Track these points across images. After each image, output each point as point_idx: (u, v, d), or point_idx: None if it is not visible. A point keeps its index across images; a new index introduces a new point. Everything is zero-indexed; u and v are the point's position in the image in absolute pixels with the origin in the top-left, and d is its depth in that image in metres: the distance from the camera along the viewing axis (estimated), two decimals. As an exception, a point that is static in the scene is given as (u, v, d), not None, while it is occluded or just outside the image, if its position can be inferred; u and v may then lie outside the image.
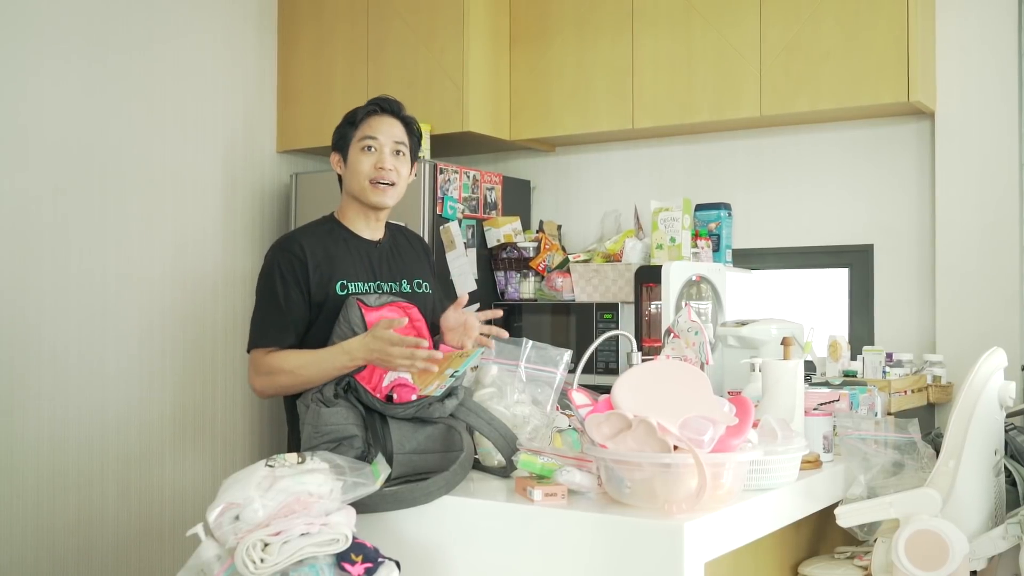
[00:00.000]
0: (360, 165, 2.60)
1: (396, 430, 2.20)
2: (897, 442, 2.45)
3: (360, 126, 2.63)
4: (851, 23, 3.74)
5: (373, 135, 2.61)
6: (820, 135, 4.13)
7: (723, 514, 1.95)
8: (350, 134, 2.63)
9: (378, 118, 2.63)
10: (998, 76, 3.74)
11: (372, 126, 2.62)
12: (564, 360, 2.45)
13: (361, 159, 2.60)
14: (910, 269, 3.95)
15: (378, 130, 2.61)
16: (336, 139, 2.67)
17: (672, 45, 4.09)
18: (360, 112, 2.65)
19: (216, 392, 4.46)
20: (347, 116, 2.67)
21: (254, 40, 4.66)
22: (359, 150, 2.61)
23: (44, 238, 3.83)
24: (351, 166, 2.62)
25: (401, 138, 2.64)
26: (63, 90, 3.90)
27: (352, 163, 2.62)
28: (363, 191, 2.60)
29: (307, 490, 1.89)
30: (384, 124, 2.63)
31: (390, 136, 2.62)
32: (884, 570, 2.27)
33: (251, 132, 4.64)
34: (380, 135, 2.61)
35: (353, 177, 2.62)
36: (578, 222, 4.66)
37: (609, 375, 3.82)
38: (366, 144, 2.60)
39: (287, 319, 2.50)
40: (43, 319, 3.82)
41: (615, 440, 1.95)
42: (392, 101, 2.67)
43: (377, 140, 2.60)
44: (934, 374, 3.58)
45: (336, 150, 2.67)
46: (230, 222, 4.53)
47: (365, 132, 2.61)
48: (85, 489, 3.94)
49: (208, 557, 1.86)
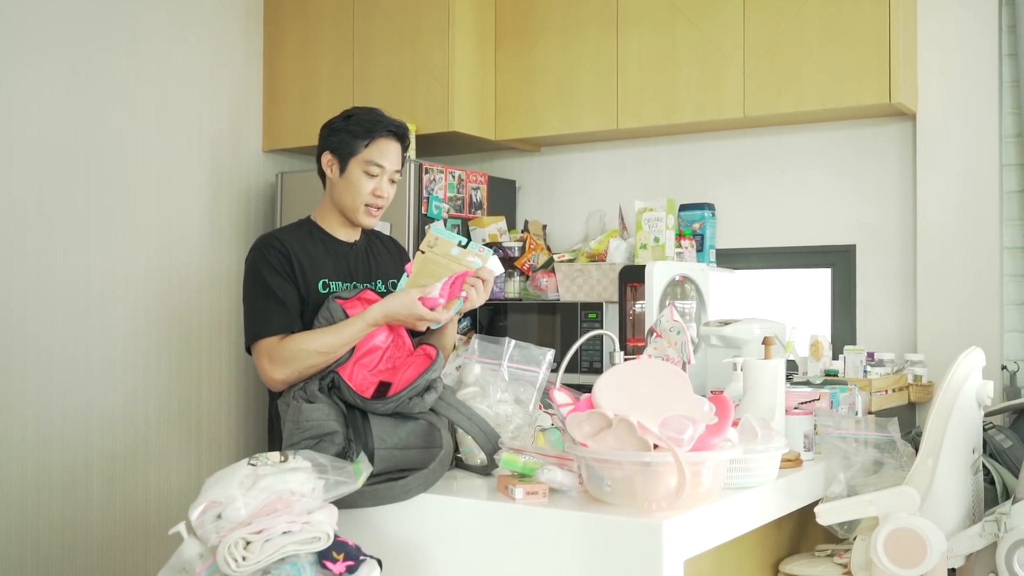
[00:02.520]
0: (361, 187, 2.58)
1: (377, 426, 2.21)
2: (877, 441, 2.47)
3: (371, 146, 2.58)
4: (834, 24, 3.76)
5: (381, 163, 2.58)
6: (803, 136, 4.15)
7: (703, 512, 1.96)
8: (357, 148, 2.58)
9: (388, 142, 2.60)
10: (979, 78, 3.76)
11: (382, 151, 2.58)
12: (547, 359, 2.46)
13: (363, 181, 2.58)
14: (892, 269, 3.97)
15: (386, 157, 2.59)
16: (336, 143, 2.60)
17: (656, 45, 4.11)
18: (377, 131, 2.58)
19: (202, 391, 4.45)
20: (356, 123, 2.60)
21: (240, 39, 4.65)
22: (363, 172, 2.57)
23: (29, 237, 3.82)
24: (350, 182, 2.59)
25: (399, 166, 2.63)
26: (48, 89, 3.89)
27: (352, 180, 2.58)
28: (355, 211, 2.60)
29: (289, 489, 1.89)
30: (392, 151, 2.60)
31: (394, 165, 2.61)
32: (863, 568, 2.29)
33: (237, 131, 4.64)
34: (387, 163, 2.59)
35: (347, 193, 2.60)
36: (563, 222, 4.67)
37: (593, 374, 3.83)
38: (373, 170, 2.58)
39: (286, 307, 2.47)
40: (28, 318, 3.81)
41: (596, 439, 1.97)
42: (404, 127, 2.64)
43: (384, 168, 2.59)
44: (915, 373, 3.60)
45: (332, 152, 2.61)
46: (216, 221, 4.53)
47: (374, 157, 2.58)
48: (70, 488, 3.93)
49: (190, 555, 1.87)
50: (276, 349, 2.41)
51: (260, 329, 2.46)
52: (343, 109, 2.69)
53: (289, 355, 2.38)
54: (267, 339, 2.44)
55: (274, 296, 2.47)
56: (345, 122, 2.61)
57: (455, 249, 2.44)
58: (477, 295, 2.44)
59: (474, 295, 2.44)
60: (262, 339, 2.44)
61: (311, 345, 2.36)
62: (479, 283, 2.44)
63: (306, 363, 2.36)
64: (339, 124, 2.62)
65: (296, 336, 2.41)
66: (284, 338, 2.43)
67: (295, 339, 2.40)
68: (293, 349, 2.38)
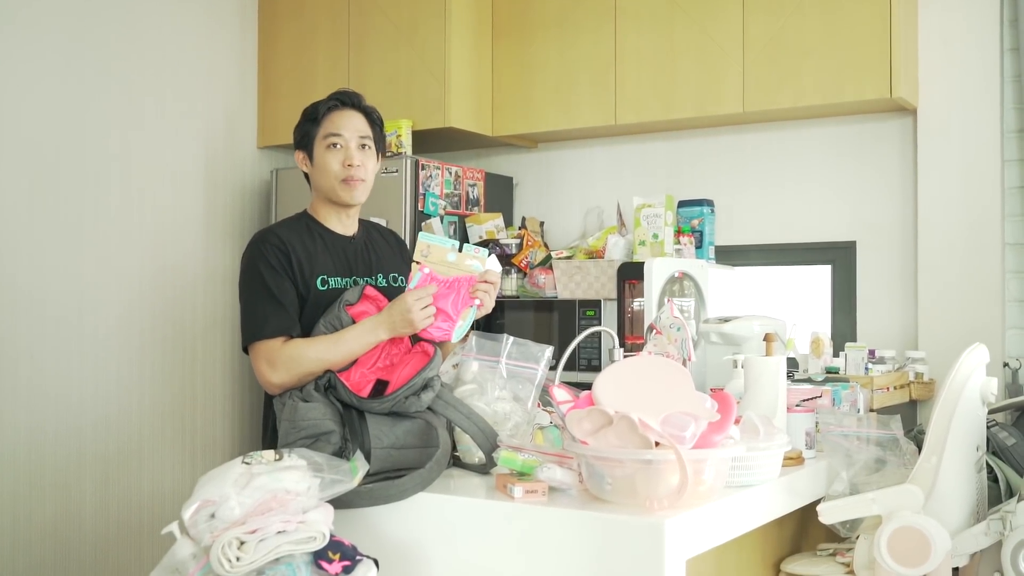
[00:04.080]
0: (328, 164, 2.55)
1: (373, 425, 2.18)
2: (879, 438, 2.45)
3: (323, 122, 2.57)
4: (834, 19, 3.74)
5: (337, 131, 2.56)
6: (803, 131, 4.12)
7: (705, 511, 1.93)
8: (313, 131, 2.57)
9: (340, 112, 2.58)
10: (980, 73, 3.74)
11: (335, 122, 2.57)
12: (545, 356, 2.43)
13: (328, 157, 2.55)
14: (892, 266, 3.95)
15: (342, 126, 2.56)
16: (299, 137, 2.61)
17: (655, 41, 4.08)
18: (321, 108, 2.58)
19: (196, 390, 4.42)
20: (307, 112, 2.61)
21: (235, 35, 4.62)
22: (325, 148, 2.56)
23: (20, 234, 3.79)
24: (319, 165, 2.57)
25: (365, 131, 2.59)
26: (41, 85, 3.86)
27: (319, 162, 2.57)
28: (333, 190, 2.57)
29: (284, 487, 1.86)
30: (347, 119, 2.58)
31: (354, 131, 2.57)
32: (866, 567, 2.27)
33: (232, 128, 4.61)
34: (344, 131, 2.56)
35: (322, 176, 2.57)
36: (560, 218, 4.64)
37: (591, 372, 3.81)
38: (331, 142, 2.55)
39: (285, 307, 2.43)
40: (19, 315, 3.78)
41: (596, 436, 1.94)
42: (352, 93, 2.62)
43: (342, 136, 2.55)
44: (916, 370, 3.58)
45: (300, 148, 2.61)
46: (210, 218, 4.50)
47: (329, 129, 2.56)
48: (62, 488, 3.90)
49: (183, 556, 1.84)
50: (276, 353, 2.37)
51: (257, 330, 2.42)
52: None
53: (289, 361, 2.35)
54: (266, 342, 2.40)
55: (272, 296, 2.44)
56: (301, 117, 2.62)
57: (451, 255, 2.39)
58: (489, 299, 2.40)
59: (488, 300, 2.40)
60: (260, 341, 2.41)
61: (313, 353, 2.33)
62: (489, 287, 2.40)
63: (306, 369, 2.33)
64: (299, 122, 2.63)
65: (298, 342, 2.38)
66: (286, 342, 2.39)
67: (297, 345, 2.37)
68: (294, 355, 2.35)
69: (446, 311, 2.34)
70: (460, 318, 2.36)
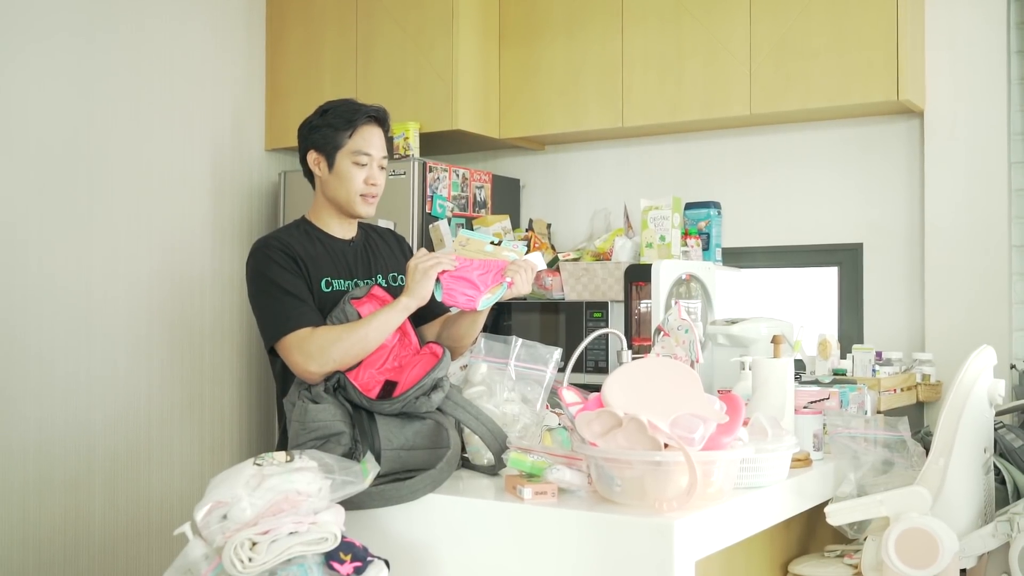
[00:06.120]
0: (353, 178, 2.54)
1: (383, 426, 2.19)
2: (887, 440, 2.45)
3: (355, 136, 2.54)
4: (841, 21, 3.74)
5: (368, 151, 2.55)
6: (810, 134, 4.13)
7: (713, 512, 1.94)
8: (342, 140, 2.54)
9: (370, 129, 2.56)
10: (987, 75, 3.74)
11: (366, 139, 2.55)
12: (554, 358, 2.44)
13: (354, 173, 2.54)
14: (899, 267, 3.95)
15: (371, 144, 2.56)
16: (319, 139, 2.56)
17: (662, 43, 4.09)
18: (358, 120, 2.55)
19: (204, 390, 4.44)
20: (335, 116, 2.56)
21: (243, 37, 4.64)
22: (352, 163, 2.54)
23: (29, 237, 3.81)
24: (341, 176, 2.55)
25: (385, 151, 2.61)
26: (49, 87, 3.88)
27: (343, 173, 2.55)
28: (351, 203, 2.56)
29: (295, 489, 1.87)
30: (375, 137, 2.57)
31: (380, 150, 2.58)
32: (874, 568, 2.27)
33: (239, 130, 4.62)
34: (373, 150, 2.56)
35: (341, 187, 2.56)
36: (568, 221, 4.65)
37: (599, 374, 3.82)
38: (361, 160, 2.55)
39: (304, 301, 2.42)
40: (30, 318, 3.80)
41: (605, 438, 1.95)
42: (383, 111, 2.61)
43: (371, 156, 2.56)
44: (923, 372, 3.59)
45: (318, 150, 2.57)
46: (218, 220, 4.51)
47: (360, 147, 2.54)
48: (72, 490, 3.92)
49: (195, 556, 1.85)
50: (307, 342, 2.33)
51: (282, 325, 2.38)
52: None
53: (324, 344, 2.31)
54: (294, 333, 2.36)
55: (288, 292, 2.43)
56: (323, 117, 2.58)
57: (488, 247, 2.41)
58: (522, 281, 2.40)
59: (520, 280, 2.39)
60: (287, 335, 2.37)
61: (345, 332, 2.32)
62: (523, 270, 2.40)
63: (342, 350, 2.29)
64: (318, 120, 2.58)
65: (327, 327, 2.37)
66: (314, 330, 2.36)
67: (328, 329, 2.35)
68: (328, 336, 2.32)
69: (472, 280, 2.35)
70: (488, 291, 2.37)
